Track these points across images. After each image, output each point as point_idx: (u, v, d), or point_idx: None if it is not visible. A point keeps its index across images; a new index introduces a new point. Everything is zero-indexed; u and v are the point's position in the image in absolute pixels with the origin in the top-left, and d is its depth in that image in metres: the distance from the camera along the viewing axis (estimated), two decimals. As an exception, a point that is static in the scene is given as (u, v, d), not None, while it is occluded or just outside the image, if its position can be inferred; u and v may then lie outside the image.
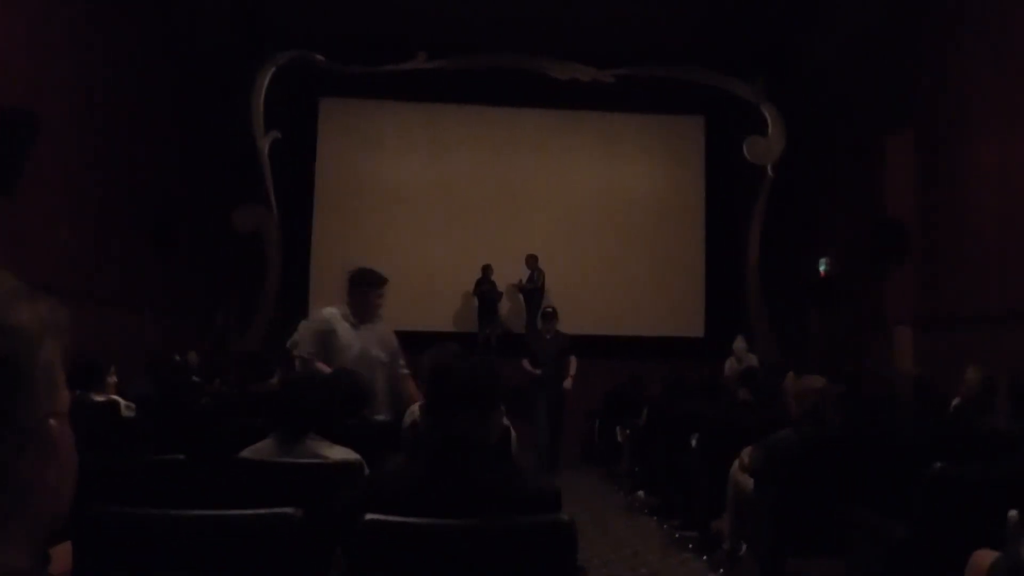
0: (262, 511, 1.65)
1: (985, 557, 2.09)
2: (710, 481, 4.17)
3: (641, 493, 5.68)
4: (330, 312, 4.26)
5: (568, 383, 7.58)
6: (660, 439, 5.37)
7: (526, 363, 7.62)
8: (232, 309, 8.60)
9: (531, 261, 9.38)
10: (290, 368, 4.47)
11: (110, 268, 6.50)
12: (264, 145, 9.10)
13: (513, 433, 3.45)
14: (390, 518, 1.50)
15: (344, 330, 4.10)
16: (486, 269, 9.58)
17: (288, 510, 1.62)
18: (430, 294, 9.69)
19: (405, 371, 4.19)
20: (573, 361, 7.63)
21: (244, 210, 8.89)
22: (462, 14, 9.00)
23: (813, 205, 9.28)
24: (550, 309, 8.10)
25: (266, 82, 9.11)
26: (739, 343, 8.64)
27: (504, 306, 9.80)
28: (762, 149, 9.62)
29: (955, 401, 4.32)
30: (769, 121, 9.59)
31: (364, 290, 4.22)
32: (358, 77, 9.41)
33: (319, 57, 9.25)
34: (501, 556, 1.53)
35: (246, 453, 2.54)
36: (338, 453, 2.49)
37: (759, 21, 8.99)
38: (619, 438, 6.62)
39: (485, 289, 9.59)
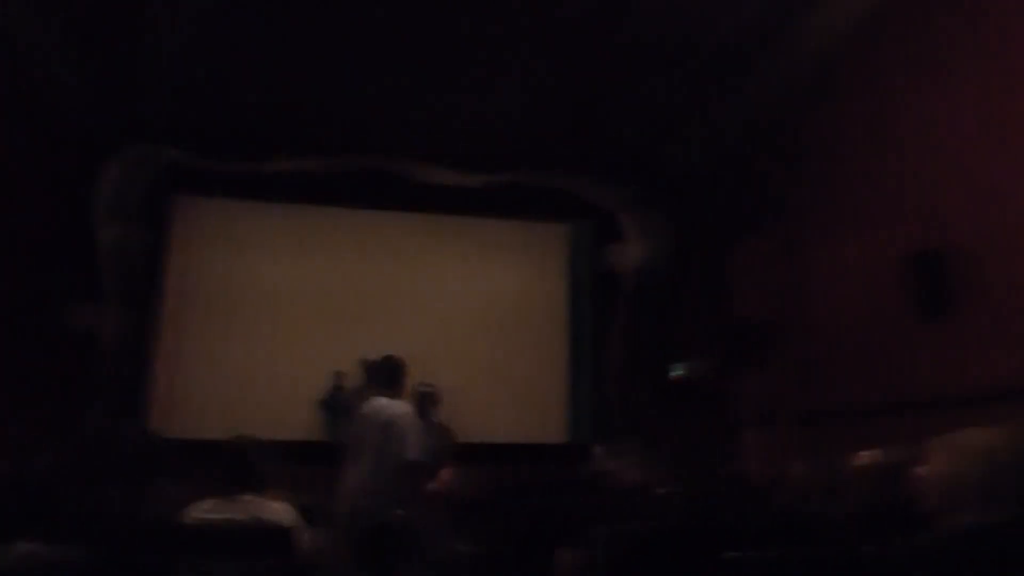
0: None
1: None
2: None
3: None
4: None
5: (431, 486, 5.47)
6: (506, 544, 5.06)
7: None
8: (53, 414, 7.84)
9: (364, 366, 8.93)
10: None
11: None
12: (107, 239, 8.59)
13: (306, 535, 3.11)
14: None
15: None
16: (339, 376, 9.26)
17: None
18: (289, 403, 9.23)
19: None
20: (451, 466, 5.91)
21: (78, 306, 8.27)
22: (327, 114, 8.97)
23: (672, 311, 9.48)
24: (427, 389, 6.26)
25: (114, 174, 8.70)
26: (599, 448, 8.50)
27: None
28: (623, 257, 9.82)
29: (784, 496, 4.27)
30: (629, 229, 9.83)
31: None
32: (215, 175, 9.15)
33: (174, 151, 8.96)
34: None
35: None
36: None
37: (621, 133, 9.35)
38: (470, 547, 6.22)
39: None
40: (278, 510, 3.04)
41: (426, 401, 6.12)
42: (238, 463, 2.97)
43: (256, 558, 2.75)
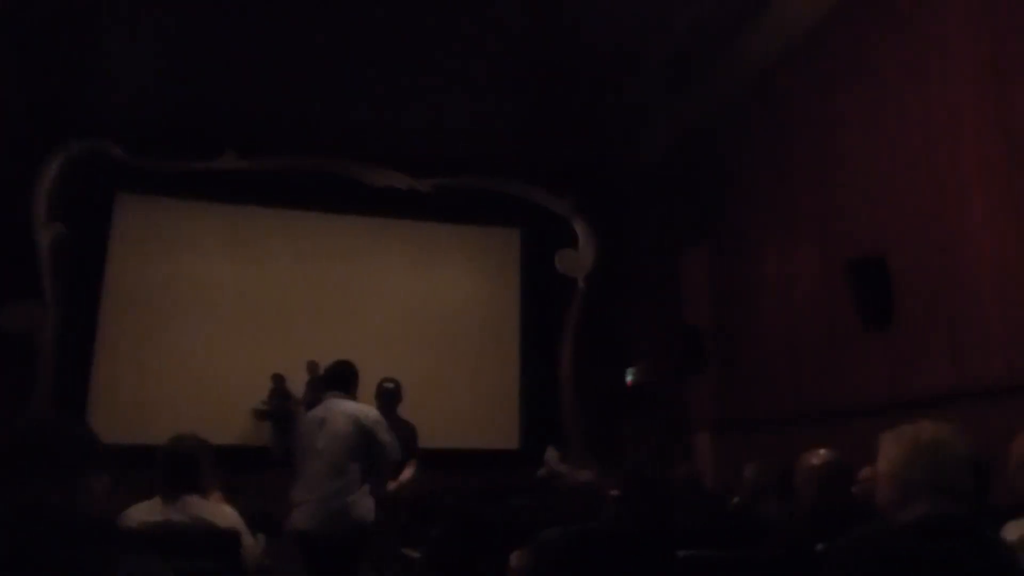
0: None
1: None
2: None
3: (427, 611, 5.21)
4: None
5: (392, 485, 4.98)
6: (453, 550, 5.00)
7: None
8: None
9: (312, 368, 8.84)
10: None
11: None
12: (45, 238, 8.31)
13: (249, 539, 3.02)
14: None
15: None
16: (279, 379, 9.11)
17: None
18: (228, 406, 9.02)
19: None
20: (412, 465, 5.36)
21: (13, 307, 7.98)
22: (275, 113, 8.83)
23: (622, 316, 9.54)
24: (391, 385, 5.67)
25: (53, 171, 8.42)
26: (551, 453, 8.50)
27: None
28: (573, 262, 9.87)
29: (735, 499, 4.31)
30: (580, 235, 9.88)
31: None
32: (160, 173, 8.92)
33: (117, 149, 8.72)
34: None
35: None
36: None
37: (571, 139, 9.39)
38: (414, 553, 6.14)
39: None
40: (221, 512, 2.95)
41: (391, 397, 5.66)
42: (181, 464, 2.87)
43: (200, 560, 2.67)
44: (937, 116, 5.05)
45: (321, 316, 9.54)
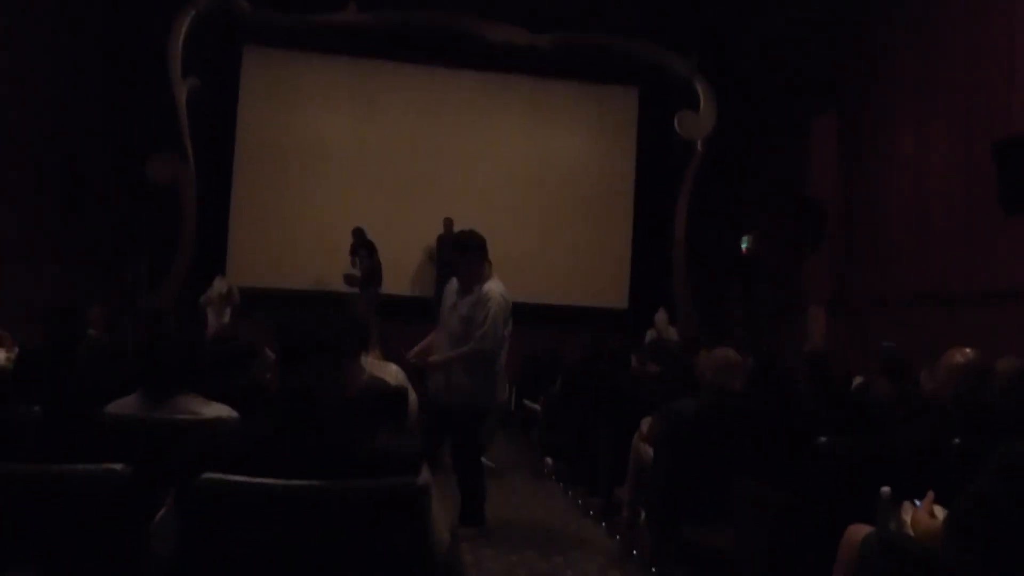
0: (85, 466, 1.52)
1: (858, 532, 2.09)
2: (614, 450, 4.15)
3: (550, 460, 5.65)
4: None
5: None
6: (572, 407, 5.35)
7: None
8: (144, 263, 8.24)
9: (448, 224, 9.07)
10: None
11: (6, 219, 6.18)
12: (181, 93, 8.69)
13: (412, 395, 3.36)
14: (226, 477, 1.39)
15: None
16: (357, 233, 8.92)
17: (115, 466, 1.49)
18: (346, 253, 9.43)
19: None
20: None
21: (159, 160, 8.51)
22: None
23: (740, 183, 9.37)
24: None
25: (185, 27, 8.68)
26: (660, 316, 8.71)
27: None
28: (693, 124, 9.65)
29: (858, 379, 4.40)
30: (701, 97, 9.61)
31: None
32: (284, 26, 9.08)
33: (243, 2, 8.88)
34: (346, 520, 1.44)
35: (111, 408, 2.38)
36: (213, 410, 2.35)
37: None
38: (534, 405, 6.58)
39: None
40: (389, 371, 3.26)
41: None
42: (357, 328, 3.16)
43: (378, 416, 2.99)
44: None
45: (437, 169, 9.75)
